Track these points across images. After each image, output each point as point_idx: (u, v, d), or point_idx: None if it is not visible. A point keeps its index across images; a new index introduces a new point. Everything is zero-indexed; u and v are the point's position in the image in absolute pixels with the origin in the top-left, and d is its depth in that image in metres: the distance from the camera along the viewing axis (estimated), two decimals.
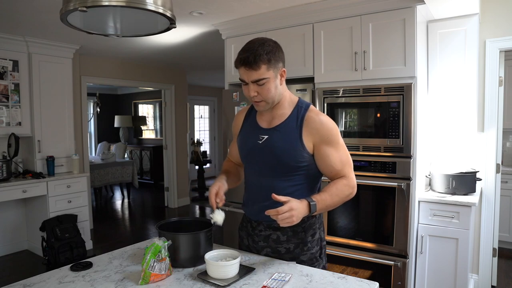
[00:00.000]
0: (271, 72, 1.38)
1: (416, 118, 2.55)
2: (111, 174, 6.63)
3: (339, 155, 1.45)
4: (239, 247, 1.67)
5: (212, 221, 1.46)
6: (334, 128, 1.45)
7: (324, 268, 1.53)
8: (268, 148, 1.47)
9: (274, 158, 1.46)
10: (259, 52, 1.35)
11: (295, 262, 1.47)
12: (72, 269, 1.39)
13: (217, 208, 1.47)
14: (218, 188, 1.50)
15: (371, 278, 1.95)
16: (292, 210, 1.27)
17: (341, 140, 1.47)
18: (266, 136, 1.49)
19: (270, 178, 1.48)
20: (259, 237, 1.55)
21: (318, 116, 1.45)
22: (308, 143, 1.43)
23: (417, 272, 2.68)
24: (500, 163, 3.14)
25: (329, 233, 2.90)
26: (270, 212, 1.28)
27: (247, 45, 1.40)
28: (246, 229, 1.62)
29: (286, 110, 1.49)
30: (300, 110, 1.48)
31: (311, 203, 1.34)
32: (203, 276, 1.31)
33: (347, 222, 2.85)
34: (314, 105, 2.91)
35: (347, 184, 1.45)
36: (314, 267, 1.47)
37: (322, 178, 1.56)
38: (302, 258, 1.50)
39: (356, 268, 2.79)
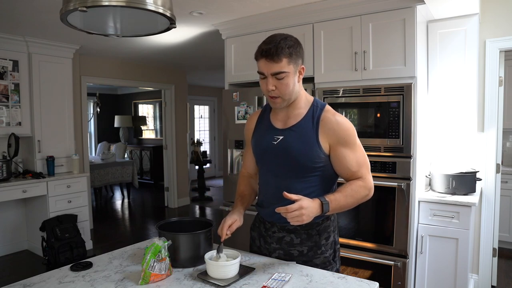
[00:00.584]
0: (291, 66, 1.37)
1: (416, 118, 2.55)
2: (111, 174, 6.63)
3: (356, 156, 1.42)
4: (250, 248, 1.65)
5: (217, 253, 1.37)
6: (351, 129, 1.42)
7: (337, 271, 1.51)
8: (283, 148, 1.44)
9: (289, 159, 1.43)
10: (281, 45, 1.33)
11: (295, 262, 1.46)
12: (72, 269, 1.39)
13: (221, 246, 1.39)
14: (233, 221, 1.46)
15: (371, 278, 1.95)
16: (302, 208, 1.25)
17: (358, 141, 1.44)
18: (281, 137, 1.46)
19: (286, 179, 1.46)
20: (272, 239, 1.52)
21: (334, 116, 1.43)
22: (324, 143, 1.41)
23: (417, 272, 2.68)
24: (500, 163, 3.14)
25: None
26: (280, 210, 1.27)
27: (269, 38, 1.38)
28: (259, 230, 1.59)
29: (302, 110, 1.47)
30: (316, 110, 1.45)
31: (324, 202, 1.32)
32: (203, 276, 1.31)
33: (347, 222, 2.85)
34: None
35: (363, 186, 1.42)
36: (327, 270, 1.44)
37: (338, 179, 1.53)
38: (315, 261, 1.47)
39: (356, 268, 2.79)
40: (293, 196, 1.28)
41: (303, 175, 1.44)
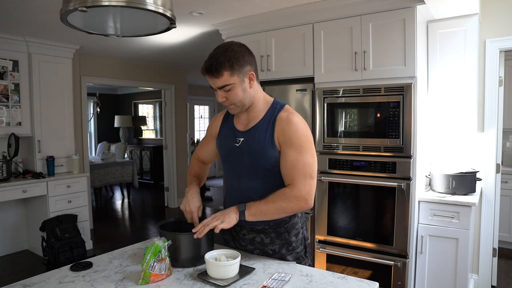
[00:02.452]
0: (235, 77, 1.38)
1: (416, 118, 2.55)
2: (111, 174, 6.63)
3: (296, 159, 1.38)
4: None
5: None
6: (302, 130, 1.40)
7: (310, 266, 1.54)
8: (244, 150, 1.48)
9: (250, 160, 1.47)
10: (220, 60, 1.36)
11: (295, 262, 1.47)
12: (72, 269, 1.39)
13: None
14: (196, 208, 1.51)
15: (371, 278, 1.95)
16: (214, 217, 1.39)
17: (307, 146, 1.39)
18: (242, 139, 1.50)
19: (248, 180, 1.49)
20: (245, 241, 1.56)
21: (289, 115, 1.43)
22: (278, 143, 1.43)
23: (417, 272, 2.68)
24: (500, 163, 3.14)
25: (329, 233, 2.90)
26: (198, 229, 1.37)
27: (212, 52, 1.42)
28: (230, 233, 1.61)
29: (260, 112, 1.49)
30: (274, 111, 1.47)
31: (240, 210, 1.40)
32: (203, 276, 1.31)
33: (347, 222, 2.85)
34: (314, 105, 2.91)
35: (287, 193, 1.38)
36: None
37: None
38: (288, 258, 1.51)
39: (356, 268, 2.79)
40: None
41: (263, 176, 1.47)
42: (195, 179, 1.66)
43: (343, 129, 2.82)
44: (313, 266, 1.56)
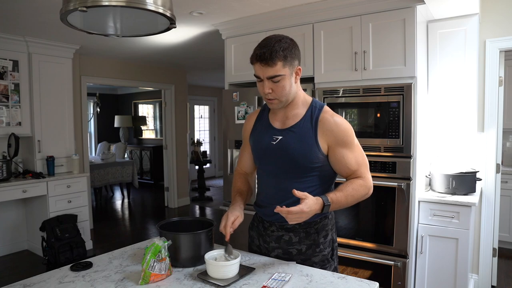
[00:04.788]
0: (286, 69, 1.37)
1: (416, 118, 2.55)
2: (111, 174, 6.63)
3: (355, 156, 1.44)
4: (249, 247, 1.66)
5: (225, 254, 1.38)
6: (349, 129, 1.43)
7: (335, 269, 1.53)
8: (282, 149, 1.45)
9: (288, 159, 1.44)
10: (275, 49, 1.34)
11: (295, 262, 1.46)
12: (72, 269, 1.39)
13: (229, 247, 1.39)
14: (236, 218, 1.44)
15: (371, 278, 1.95)
16: (303, 213, 1.26)
17: (356, 141, 1.45)
18: (280, 137, 1.47)
19: (285, 179, 1.46)
20: (271, 238, 1.53)
21: (333, 117, 1.43)
22: (323, 144, 1.42)
23: (417, 272, 2.68)
24: (500, 163, 3.14)
25: None
26: (281, 211, 1.26)
27: (264, 41, 1.38)
28: (258, 229, 1.60)
29: (300, 110, 1.47)
30: (314, 111, 1.46)
31: (326, 204, 1.33)
32: (203, 276, 1.31)
33: (347, 222, 2.85)
34: None
35: (363, 185, 1.44)
36: (325, 268, 1.46)
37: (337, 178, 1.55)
38: (313, 259, 1.48)
39: (356, 268, 2.79)
40: (299, 194, 1.29)
41: (302, 175, 1.45)
42: (238, 195, 1.59)
43: None
44: (337, 271, 1.52)
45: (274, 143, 1.47)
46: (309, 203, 1.28)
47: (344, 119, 1.47)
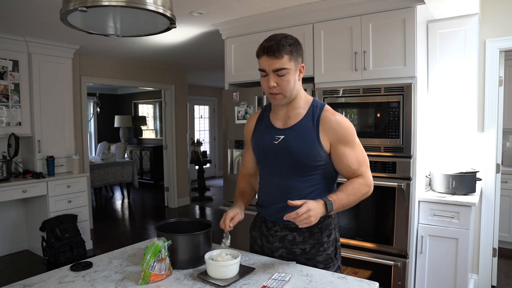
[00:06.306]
0: (292, 64, 1.39)
1: (416, 118, 2.55)
2: (111, 174, 6.63)
3: (356, 155, 1.45)
4: (250, 248, 1.65)
5: (223, 245, 1.46)
6: (350, 128, 1.45)
7: (339, 268, 1.53)
8: (284, 148, 1.46)
9: (291, 158, 1.45)
10: (282, 43, 1.37)
11: (295, 262, 1.46)
12: (72, 269, 1.39)
13: (226, 233, 1.46)
14: (235, 214, 1.48)
15: (371, 278, 1.95)
16: (310, 210, 1.27)
17: (357, 140, 1.47)
18: (282, 136, 1.48)
19: (288, 179, 1.47)
20: (275, 238, 1.53)
21: (334, 116, 1.45)
22: (325, 142, 1.43)
23: (417, 272, 2.68)
24: (500, 163, 3.14)
25: None
26: (290, 216, 1.27)
27: (271, 36, 1.41)
28: (260, 229, 1.60)
29: (301, 110, 1.48)
30: (315, 110, 1.47)
31: (327, 202, 1.34)
32: (203, 276, 1.31)
33: (347, 222, 2.85)
34: None
35: (363, 183, 1.45)
36: (329, 267, 1.47)
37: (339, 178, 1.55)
38: (318, 258, 1.48)
39: (356, 268, 2.79)
40: (297, 202, 1.30)
41: (304, 174, 1.45)
42: (239, 196, 1.61)
43: None
44: (340, 270, 1.53)
45: (276, 142, 1.48)
46: (311, 203, 1.30)
47: (345, 118, 1.48)
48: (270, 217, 1.54)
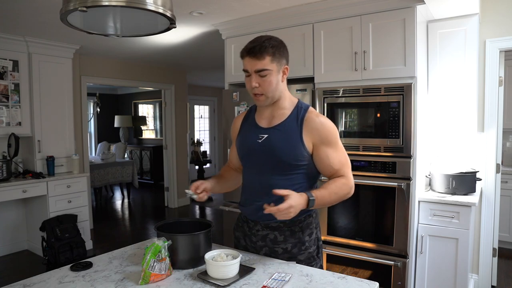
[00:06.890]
0: (274, 65, 1.42)
1: (416, 118, 2.55)
2: (111, 174, 6.63)
3: (338, 155, 1.48)
4: (235, 248, 1.66)
5: (188, 195, 1.52)
6: (333, 130, 1.47)
7: (321, 267, 1.55)
8: (267, 147, 1.48)
9: (274, 157, 1.47)
10: (265, 45, 1.40)
11: (295, 262, 1.47)
12: (72, 269, 1.39)
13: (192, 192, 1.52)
14: (202, 183, 1.54)
15: (371, 278, 1.95)
16: (291, 207, 1.29)
17: (339, 141, 1.50)
18: (265, 135, 1.50)
19: (269, 177, 1.49)
20: (257, 237, 1.55)
21: (318, 117, 1.48)
22: (308, 143, 1.46)
23: (417, 272, 2.68)
24: (500, 163, 3.14)
25: (329, 233, 2.90)
26: (271, 210, 1.29)
27: (255, 38, 1.45)
28: (243, 229, 1.62)
29: (286, 110, 1.51)
30: (300, 111, 1.50)
31: (310, 199, 1.36)
32: (203, 276, 1.31)
33: (347, 222, 2.85)
34: (314, 105, 2.92)
35: (345, 183, 1.47)
36: (311, 266, 1.48)
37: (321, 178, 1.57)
38: (299, 257, 1.50)
39: (356, 268, 2.79)
40: (282, 192, 1.32)
41: (287, 172, 1.48)
42: (216, 176, 1.70)
43: (343, 129, 2.82)
44: (323, 268, 1.54)
45: (260, 141, 1.51)
46: (294, 198, 1.31)
47: (329, 119, 1.51)
48: (251, 216, 1.56)
